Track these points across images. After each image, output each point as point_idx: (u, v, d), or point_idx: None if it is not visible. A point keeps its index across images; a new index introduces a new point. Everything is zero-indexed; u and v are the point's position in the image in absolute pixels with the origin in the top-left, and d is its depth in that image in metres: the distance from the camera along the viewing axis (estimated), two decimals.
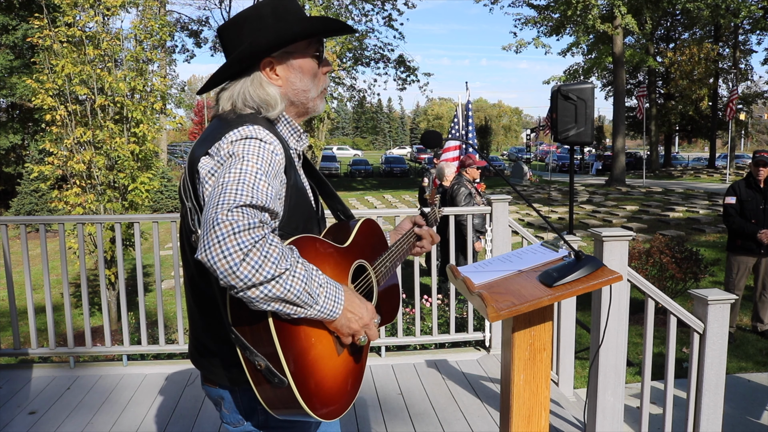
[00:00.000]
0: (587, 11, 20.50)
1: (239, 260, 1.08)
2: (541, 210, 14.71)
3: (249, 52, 1.41)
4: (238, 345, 1.24)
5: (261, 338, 1.22)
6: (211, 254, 1.08)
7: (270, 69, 1.43)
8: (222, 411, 1.48)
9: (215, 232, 1.09)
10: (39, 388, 3.71)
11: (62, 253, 3.91)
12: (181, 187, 1.40)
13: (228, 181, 1.18)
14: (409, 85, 26.94)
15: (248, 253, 1.08)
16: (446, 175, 7.12)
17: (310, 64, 1.47)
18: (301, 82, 1.46)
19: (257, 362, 1.22)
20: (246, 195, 1.15)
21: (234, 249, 1.08)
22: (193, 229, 1.33)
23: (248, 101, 1.41)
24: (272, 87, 1.42)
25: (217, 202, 1.14)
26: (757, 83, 34.10)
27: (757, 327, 6.12)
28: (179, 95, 24.44)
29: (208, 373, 1.46)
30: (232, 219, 1.10)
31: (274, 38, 1.41)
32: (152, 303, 7.29)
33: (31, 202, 16.98)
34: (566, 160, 32.97)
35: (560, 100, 4.21)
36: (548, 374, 1.72)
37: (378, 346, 4.25)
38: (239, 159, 1.23)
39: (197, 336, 1.47)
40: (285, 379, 1.20)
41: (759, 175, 5.65)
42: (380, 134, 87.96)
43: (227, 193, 1.15)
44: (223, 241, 1.08)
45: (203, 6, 66.35)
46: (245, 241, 1.09)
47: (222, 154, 1.27)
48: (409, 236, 1.77)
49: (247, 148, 1.26)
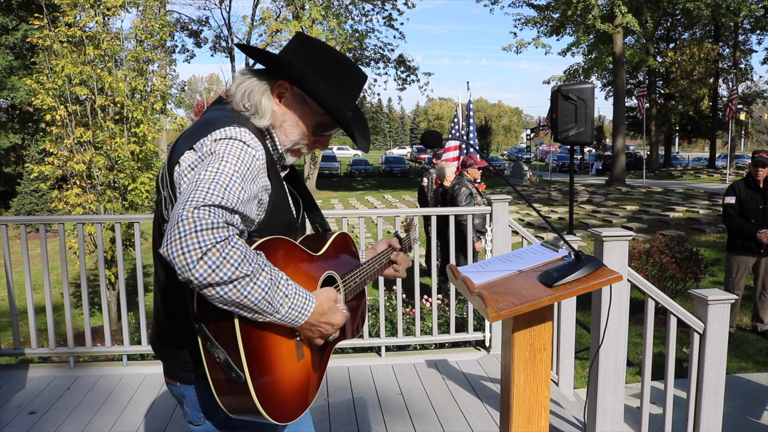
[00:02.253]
0: (587, 11, 20.50)
1: (197, 258, 1.08)
2: (541, 210, 14.71)
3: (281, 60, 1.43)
4: (201, 335, 1.24)
5: (224, 331, 1.22)
6: (171, 249, 1.09)
7: (279, 93, 1.45)
8: (184, 409, 1.49)
9: (178, 228, 1.10)
10: (39, 388, 3.70)
11: (62, 253, 3.91)
12: (160, 175, 1.41)
13: (202, 179, 1.19)
14: (409, 85, 26.97)
15: (207, 252, 1.09)
16: (447, 175, 7.12)
17: (308, 125, 1.47)
18: (291, 127, 1.47)
19: (217, 354, 1.22)
20: (216, 195, 1.16)
21: (193, 246, 1.09)
22: (166, 219, 1.35)
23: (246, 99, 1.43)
24: (269, 102, 1.44)
25: (187, 199, 1.15)
26: (756, 83, 34.06)
27: (757, 327, 6.12)
28: (179, 95, 24.43)
29: (169, 365, 1.47)
30: (196, 217, 1.11)
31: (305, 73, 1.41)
32: (152, 303, 7.29)
33: (31, 202, 16.98)
34: (566, 160, 32.97)
35: (560, 100, 4.21)
36: (548, 374, 1.72)
37: (378, 346, 4.25)
38: (218, 158, 1.24)
39: (159, 325, 1.47)
40: (242, 374, 1.21)
41: (758, 175, 5.65)
42: (380, 134, 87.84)
43: (198, 190, 1.16)
44: (184, 238, 1.09)
45: (203, 6, 66.32)
46: (205, 240, 1.09)
47: (204, 150, 1.29)
48: (382, 257, 1.78)
49: (228, 149, 1.27)
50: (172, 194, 1.33)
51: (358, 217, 4.31)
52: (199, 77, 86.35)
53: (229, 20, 35.31)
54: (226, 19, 34.56)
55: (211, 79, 78.75)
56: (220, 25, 47.66)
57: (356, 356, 4.26)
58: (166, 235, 1.12)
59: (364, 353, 4.31)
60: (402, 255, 1.83)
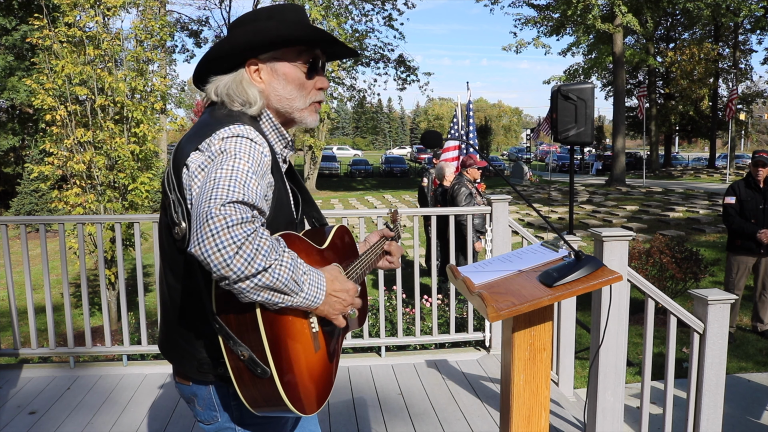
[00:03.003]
0: (587, 11, 20.50)
1: (233, 253, 1.10)
2: (541, 210, 14.71)
3: (228, 48, 1.43)
4: (222, 335, 1.25)
5: (246, 328, 1.24)
6: (204, 247, 1.10)
7: (255, 71, 1.45)
8: (195, 408, 1.48)
9: (209, 226, 1.11)
10: (39, 388, 3.70)
11: (62, 253, 3.91)
12: (165, 179, 1.40)
13: (220, 177, 1.20)
14: (409, 84, 26.98)
15: (241, 246, 1.10)
16: (446, 175, 7.12)
17: (296, 72, 1.47)
18: (284, 89, 1.46)
19: (240, 352, 1.23)
20: (238, 192, 1.17)
21: (228, 242, 1.10)
22: (176, 221, 1.34)
23: (233, 96, 1.43)
24: (253, 87, 1.44)
25: (210, 197, 1.15)
26: (756, 83, 34.07)
27: (757, 327, 6.12)
28: (179, 95, 24.44)
29: (179, 366, 1.46)
30: (225, 213, 1.12)
31: (251, 35, 1.42)
32: (152, 303, 7.29)
33: (31, 202, 16.98)
34: (566, 160, 32.97)
35: (560, 100, 4.21)
36: (548, 374, 1.72)
37: (378, 346, 4.25)
38: (231, 156, 1.25)
39: (170, 328, 1.47)
40: (268, 369, 1.23)
41: (758, 175, 5.65)
42: (380, 134, 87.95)
43: (219, 188, 1.17)
44: (217, 235, 1.10)
45: (203, 6, 66.38)
46: (238, 235, 1.11)
47: (213, 150, 1.29)
48: (377, 247, 1.79)
49: (239, 146, 1.28)
50: (181, 197, 1.34)
51: (358, 217, 4.31)
52: None
53: (229, 20, 35.28)
54: (226, 19, 34.56)
55: None
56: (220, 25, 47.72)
57: (356, 356, 4.26)
58: (194, 234, 1.13)
59: (364, 353, 4.31)
60: (395, 244, 1.83)
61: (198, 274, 1.31)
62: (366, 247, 1.77)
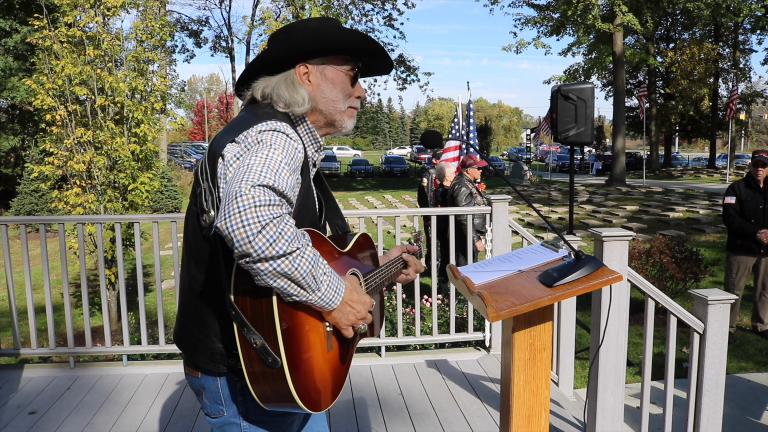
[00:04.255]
0: (587, 11, 20.50)
1: (256, 231, 1.13)
2: (541, 210, 14.71)
3: (284, 52, 1.49)
4: (237, 322, 1.28)
5: (261, 316, 1.26)
6: (230, 222, 1.14)
7: (305, 73, 1.51)
8: (203, 401, 1.50)
9: (237, 203, 1.15)
10: (39, 388, 3.71)
11: (62, 253, 3.91)
12: (199, 168, 1.44)
13: (254, 163, 1.24)
14: (410, 84, 26.98)
15: (265, 227, 1.14)
16: (446, 175, 7.12)
17: (342, 78, 1.54)
18: (332, 92, 1.53)
19: (254, 340, 1.26)
20: (269, 177, 1.22)
21: (253, 220, 1.14)
22: (205, 209, 1.38)
23: (281, 95, 1.48)
24: (302, 88, 1.50)
25: (242, 178, 1.20)
26: (756, 84, 34.07)
27: (757, 327, 6.12)
28: (179, 95, 24.42)
29: (191, 356, 1.48)
30: (254, 193, 1.16)
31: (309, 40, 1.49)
32: (152, 303, 7.29)
33: (31, 202, 16.96)
34: (566, 160, 32.96)
35: (560, 100, 4.21)
36: (548, 374, 1.72)
37: (378, 346, 4.25)
38: (266, 146, 1.30)
39: (186, 317, 1.49)
40: (279, 359, 1.24)
41: (758, 175, 5.65)
42: (380, 134, 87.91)
43: (252, 172, 1.21)
44: (244, 212, 1.14)
45: (203, 6, 66.30)
46: (264, 216, 1.15)
47: (249, 140, 1.34)
48: (397, 262, 1.82)
49: (275, 139, 1.32)
50: (213, 186, 1.37)
51: (358, 217, 4.31)
52: (199, 77, 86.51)
53: (229, 20, 35.29)
54: (226, 19, 34.55)
55: (211, 79, 78.71)
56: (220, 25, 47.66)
57: (356, 356, 4.26)
58: (222, 210, 1.17)
59: (364, 353, 4.31)
60: (414, 258, 1.87)
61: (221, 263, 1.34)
62: (386, 260, 1.80)
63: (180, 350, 1.53)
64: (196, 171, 1.46)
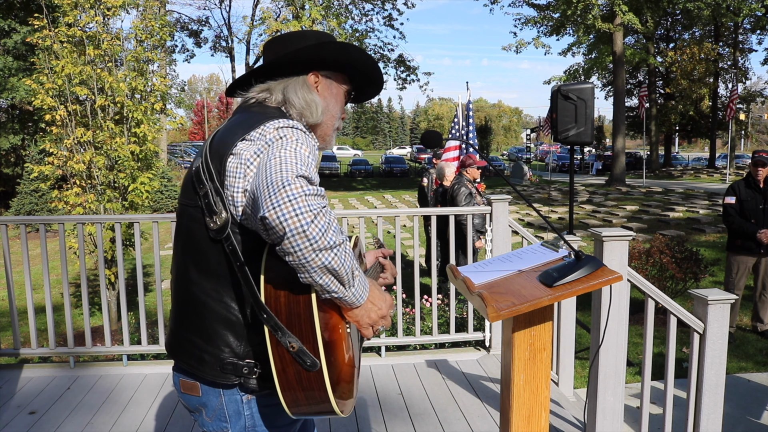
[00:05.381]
0: (587, 11, 20.49)
1: (310, 220, 1.09)
2: (541, 210, 14.70)
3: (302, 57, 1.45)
4: (270, 325, 1.22)
5: (299, 317, 1.21)
6: (281, 211, 1.09)
7: (315, 83, 1.49)
8: (203, 419, 1.43)
9: (286, 192, 1.11)
10: (39, 388, 3.70)
11: (62, 253, 3.91)
12: (195, 173, 1.36)
13: (285, 156, 1.20)
14: (410, 84, 26.95)
15: (317, 215, 1.11)
16: (446, 175, 7.12)
17: (342, 97, 1.55)
18: (333, 107, 1.53)
19: (290, 343, 1.20)
20: (305, 170, 1.18)
21: (306, 209, 1.10)
22: (215, 210, 1.31)
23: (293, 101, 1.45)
24: (316, 95, 1.48)
25: (281, 169, 1.16)
26: (755, 84, 34.08)
27: (757, 327, 6.12)
28: (179, 95, 24.42)
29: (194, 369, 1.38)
30: (301, 182, 1.13)
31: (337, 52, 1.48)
32: (152, 303, 7.28)
33: (31, 202, 16.96)
34: (566, 160, 32.96)
35: (560, 100, 4.20)
36: (548, 374, 1.72)
37: (378, 346, 4.25)
38: (292, 141, 1.26)
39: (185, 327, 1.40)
40: (318, 361, 1.20)
41: (758, 175, 5.65)
42: (380, 134, 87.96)
43: (289, 163, 1.17)
44: (295, 201, 1.10)
45: (203, 6, 66.34)
46: (314, 205, 1.11)
47: (269, 137, 1.28)
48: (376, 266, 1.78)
49: (296, 134, 1.29)
50: (220, 185, 1.31)
51: (358, 217, 4.31)
52: (199, 77, 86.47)
53: (229, 20, 35.34)
54: (226, 19, 34.58)
55: (211, 79, 78.72)
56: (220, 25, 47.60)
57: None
58: (267, 200, 1.11)
59: (364, 353, 4.31)
60: (389, 262, 1.83)
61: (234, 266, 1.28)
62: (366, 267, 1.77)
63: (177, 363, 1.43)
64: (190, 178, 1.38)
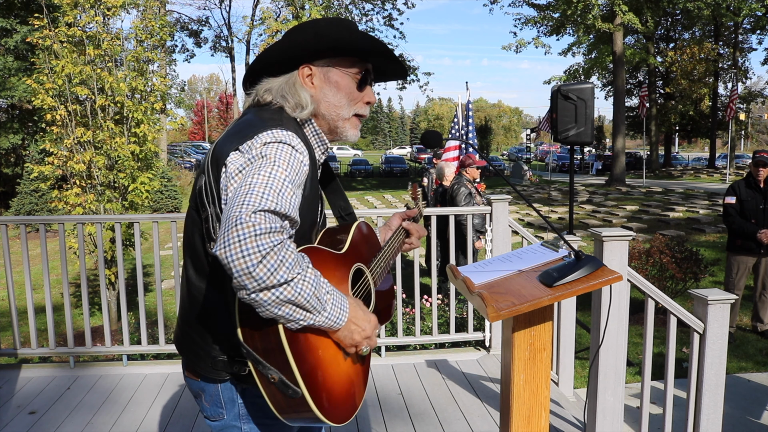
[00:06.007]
0: (587, 11, 20.50)
1: (257, 261, 1.09)
2: (541, 210, 14.70)
3: (287, 49, 1.44)
4: (250, 359, 1.24)
5: (272, 349, 1.22)
6: (229, 252, 1.09)
7: (308, 75, 1.46)
8: (202, 404, 1.49)
9: (237, 231, 1.10)
10: (39, 388, 3.70)
11: (62, 253, 3.91)
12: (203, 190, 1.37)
13: (256, 183, 1.19)
14: (409, 84, 26.94)
15: (266, 256, 1.09)
16: (446, 175, 7.12)
17: (348, 82, 1.48)
18: (335, 96, 1.47)
19: (270, 375, 1.22)
20: (271, 201, 1.16)
21: (253, 250, 1.09)
22: (213, 237, 1.34)
23: (286, 99, 1.44)
24: (305, 91, 1.45)
25: (243, 202, 1.15)
26: (756, 83, 34.08)
27: (757, 327, 6.12)
28: (179, 95, 24.42)
29: (192, 362, 1.46)
30: (255, 221, 1.11)
31: (311, 40, 1.43)
32: (152, 303, 7.28)
33: (31, 202, 16.95)
34: (566, 160, 32.95)
35: (560, 100, 4.21)
36: (548, 374, 1.72)
37: (378, 346, 4.25)
38: (270, 162, 1.24)
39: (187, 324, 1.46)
40: (299, 390, 1.21)
41: (759, 175, 5.65)
42: (380, 134, 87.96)
43: (254, 194, 1.16)
44: (244, 241, 1.09)
45: (203, 6, 66.33)
46: (264, 244, 1.10)
47: (254, 153, 1.27)
48: (399, 233, 1.78)
49: (280, 153, 1.26)
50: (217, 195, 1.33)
51: (357, 218, 4.31)
52: (199, 77, 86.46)
53: (229, 20, 35.33)
54: (226, 19, 34.59)
55: (211, 79, 78.72)
56: (220, 25, 47.62)
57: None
58: (221, 237, 1.11)
59: None
60: (415, 225, 1.81)
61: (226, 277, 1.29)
62: (388, 234, 1.76)
63: (181, 353, 1.51)
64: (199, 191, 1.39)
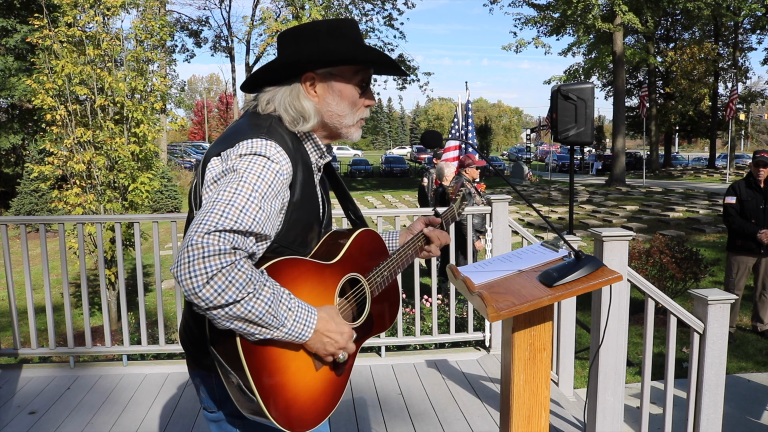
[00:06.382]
0: (587, 11, 20.50)
1: (202, 283, 1.13)
2: (541, 210, 14.70)
3: (291, 60, 1.44)
4: (216, 361, 1.30)
5: (232, 358, 1.26)
6: (180, 271, 1.14)
7: (310, 84, 1.46)
8: (200, 395, 1.53)
9: (187, 252, 1.14)
10: (39, 388, 3.71)
11: (62, 253, 3.91)
12: (192, 191, 1.44)
13: (219, 200, 1.22)
14: (409, 84, 26.95)
15: (212, 278, 1.13)
16: (446, 174, 7.12)
17: (351, 91, 1.48)
18: (338, 106, 1.47)
19: (231, 378, 1.27)
20: (230, 219, 1.19)
21: (200, 272, 1.13)
22: None
23: (288, 111, 1.44)
24: (308, 101, 1.45)
25: (201, 221, 1.18)
26: (756, 83, 34.08)
27: (757, 327, 6.12)
28: (179, 95, 24.41)
29: (192, 353, 1.51)
30: (205, 243, 1.15)
31: (317, 53, 1.43)
32: (152, 303, 7.28)
33: (31, 202, 16.95)
34: (566, 160, 32.95)
35: (560, 100, 4.21)
36: (548, 374, 1.72)
37: (378, 346, 4.25)
38: (238, 177, 1.26)
39: (188, 316, 1.51)
40: (254, 397, 1.24)
41: (759, 175, 5.65)
42: (380, 134, 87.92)
43: (213, 213, 1.19)
44: (192, 263, 1.13)
45: (203, 6, 66.35)
46: (212, 266, 1.13)
47: (228, 164, 1.31)
48: (417, 239, 1.76)
49: (251, 167, 1.28)
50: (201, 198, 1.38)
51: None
52: (199, 77, 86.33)
53: (229, 20, 35.31)
54: (226, 19, 34.56)
55: (211, 79, 78.71)
56: (220, 25, 47.62)
57: (356, 356, 4.25)
58: (176, 256, 1.18)
59: (364, 353, 4.31)
60: (437, 232, 1.78)
61: None
62: (406, 238, 1.75)
63: (182, 346, 1.55)
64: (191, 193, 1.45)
